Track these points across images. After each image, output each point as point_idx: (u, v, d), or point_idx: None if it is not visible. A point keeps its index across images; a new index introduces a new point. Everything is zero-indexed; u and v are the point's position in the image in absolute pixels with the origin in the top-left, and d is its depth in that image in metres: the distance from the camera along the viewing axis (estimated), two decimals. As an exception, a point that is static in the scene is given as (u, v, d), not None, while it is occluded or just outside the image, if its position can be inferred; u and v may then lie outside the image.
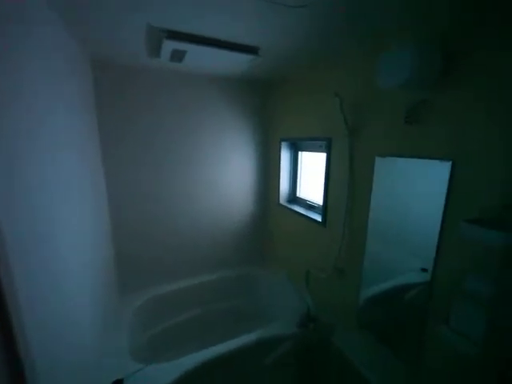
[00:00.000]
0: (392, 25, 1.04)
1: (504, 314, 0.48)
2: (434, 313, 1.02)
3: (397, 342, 1.24)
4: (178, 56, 1.40)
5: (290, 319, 1.59)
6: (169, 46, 1.24)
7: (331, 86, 1.46)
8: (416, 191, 1.08)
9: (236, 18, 1.03)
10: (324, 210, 1.62)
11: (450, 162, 0.93)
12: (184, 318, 1.99)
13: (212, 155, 2.03)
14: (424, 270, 1.07)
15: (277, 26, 1.07)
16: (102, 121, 1.64)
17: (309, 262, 1.79)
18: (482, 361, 0.55)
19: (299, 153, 2.05)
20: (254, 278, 2.25)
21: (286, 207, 2.06)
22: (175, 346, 1.82)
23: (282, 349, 1.50)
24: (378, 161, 1.22)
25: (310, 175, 1.99)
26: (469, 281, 0.83)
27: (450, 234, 0.95)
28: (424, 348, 1.08)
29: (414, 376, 1.13)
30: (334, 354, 1.50)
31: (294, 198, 2.13)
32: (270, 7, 0.92)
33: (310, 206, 1.90)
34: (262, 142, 2.20)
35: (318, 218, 1.69)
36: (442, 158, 0.96)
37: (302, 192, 2.09)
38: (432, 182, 1.00)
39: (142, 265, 1.94)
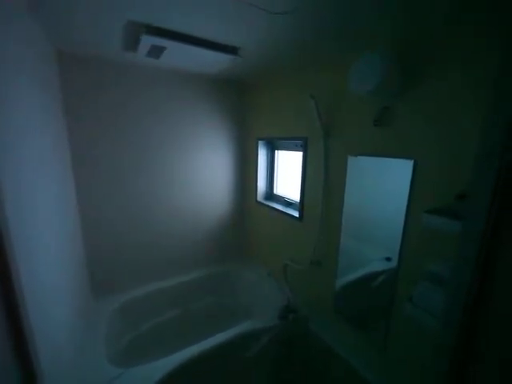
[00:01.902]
0: (365, 34, 1.14)
1: (459, 291, 0.58)
2: (400, 294, 1.16)
3: (367, 323, 1.37)
4: (155, 52, 1.37)
5: (271, 312, 1.65)
6: (147, 41, 1.21)
7: (307, 88, 1.54)
8: (384, 188, 1.20)
9: (218, 18, 1.04)
10: (301, 206, 1.71)
11: (412, 161, 1.05)
12: (164, 319, 1.96)
13: (189, 154, 2.01)
14: (388, 259, 1.21)
15: (258, 28, 1.11)
16: (70, 118, 1.54)
17: (287, 256, 1.87)
18: (440, 331, 0.65)
19: (276, 151, 2.12)
20: (234, 275, 2.28)
21: (263, 204, 2.12)
22: (156, 347, 1.78)
23: (263, 340, 1.56)
24: (351, 160, 1.32)
25: (287, 173, 2.07)
26: (429, 264, 0.96)
27: (413, 224, 1.08)
28: (390, 325, 1.22)
29: (381, 351, 1.26)
30: (312, 338, 1.60)
31: (271, 195, 2.20)
32: (252, 11, 0.96)
33: (288, 203, 1.98)
34: (238, 141, 2.23)
35: (296, 213, 1.78)
36: (405, 157, 1.08)
37: (280, 189, 2.16)
38: (397, 179, 1.12)
39: (117, 267, 1.86)
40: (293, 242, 1.84)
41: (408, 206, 1.08)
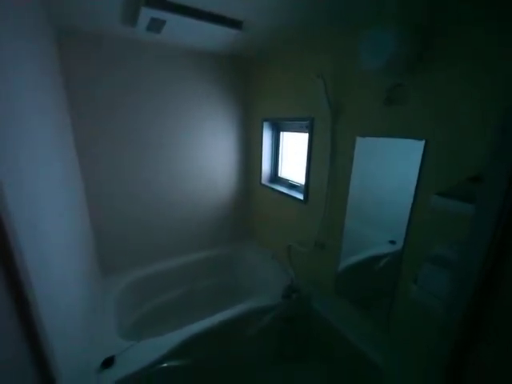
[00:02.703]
0: (377, 4, 1.06)
1: (466, 275, 0.57)
2: (404, 276, 1.16)
3: (370, 304, 1.39)
4: (156, 26, 1.31)
5: (275, 292, 1.69)
6: (147, 13, 1.15)
7: (314, 67, 1.47)
8: (392, 170, 1.17)
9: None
10: (305, 188, 1.69)
11: (423, 141, 1.01)
12: (170, 297, 2.03)
13: (193, 135, 1.98)
14: (392, 242, 1.20)
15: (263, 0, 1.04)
16: (72, 99, 1.52)
17: (291, 239, 1.89)
18: (443, 314, 0.65)
19: (281, 133, 2.07)
20: (239, 256, 2.32)
21: (268, 187, 2.10)
22: (163, 324, 1.86)
23: (267, 317, 1.61)
24: (359, 141, 1.28)
25: (292, 155, 2.03)
26: (435, 247, 0.95)
27: (421, 206, 1.05)
28: (393, 306, 1.23)
29: (384, 330, 1.29)
30: (314, 317, 1.65)
31: (276, 177, 2.18)
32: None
33: (292, 186, 1.96)
34: (243, 122, 2.18)
35: (300, 196, 1.76)
36: (416, 138, 1.04)
37: (284, 172, 2.14)
38: (407, 161, 1.09)
39: (125, 246, 1.91)
40: (297, 224, 1.84)
41: (417, 188, 1.05)
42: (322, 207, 1.53)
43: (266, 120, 2.00)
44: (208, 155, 2.09)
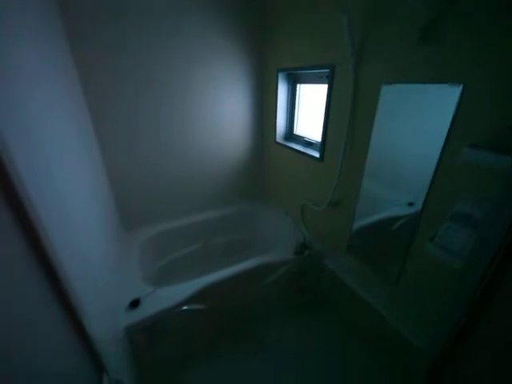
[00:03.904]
0: None
1: (490, 233, 0.53)
2: (420, 236, 1.13)
3: (380, 262, 1.40)
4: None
5: (287, 249, 1.74)
6: None
7: (337, 1, 1.27)
8: (419, 122, 1.06)
9: None
10: (322, 146, 1.61)
11: (461, 86, 0.88)
12: (188, 252, 2.15)
13: (205, 90, 1.87)
14: (411, 204, 1.15)
15: None
16: (79, 59, 1.45)
17: (305, 197, 1.87)
18: (462, 271, 0.63)
19: (297, 86, 1.91)
20: (253, 214, 2.37)
21: (283, 145, 2.03)
22: (181, 275, 2.01)
23: (279, 271, 1.69)
24: (385, 89, 1.15)
25: (309, 110, 1.90)
26: (458, 204, 0.89)
27: (449, 162, 0.97)
28: (405, 267, 1.23)
29: (393, 290, 1.32)
30: (326, 273, 1.70)
31: (291, 135, 2.08)
32: None
33: (308, 143, 1.87)
34: (257, 76, 2.02)
35: (316, 154, 1.69)
36: (452, 82, 0.91)
37: (300, 129, 2.03)
38: (438, 110, 0.97)
39: (143, 204, 1.99)
40: (312, 183, 1.80)
41: (446, 142, 0.96)
42: (338, 165, 1.46)
43: (281, 71, 1.83)
44: (221, 113, 2.00)
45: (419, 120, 1.05)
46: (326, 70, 1.46)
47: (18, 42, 0.77)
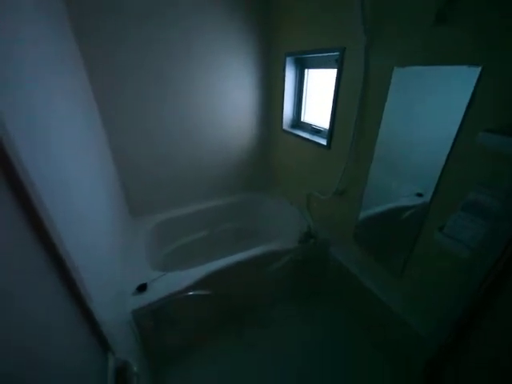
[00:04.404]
0: None
1: (503, 224, 0.50)
2: (428, 227, 1.10)
3: (386, 254, 1.39)
4: None
5: (292, 237, 1.74)
6: None
7: (351, -23, 1.20)
8: (432, 105, 1.01)
9: None
10: (330, 133, 1.56)
11: (480, 68, 0.83)
12: (193, 239, 2.18)
13: (211, 78, 1.83)
14: (419, 194, 1.11)
15: None
16: (84, 47, 1.44)
17: (311, 186, 1.84)
18: (470, 262, 0.60)
19: (306, 71, 1.85)
20: (259, 202, 2.36)
21: (290, 133, 1.98)
22: (187, 262, 2.04)
23: (283, 260, 1.69)
24: (397, 72, 1.10)
25: (316, 97, 1.84)
26: (472, 193, 0.86)
27: (462, 149, 0.93)
28: (411, 258, 1.21)
29: (398, 280, 1.31)
30: (331, 262, 1.70)
31: (298, 122, 2.04)
32: None
33: (315, 131, 1.83)
34: (264, 60, 1.96)
35: (323, 141, 1.65)
36: (470, 63, 0.85)
37: (307, 116, 1.98)
38: (453, 93, 0.92)
39: (150, 191, 2.00)
40: (318, 171, 1.77)
41: (461, 126, 0.91)
42: (345, 153, 1.43)
43: (289, 55, 1.77)
44: (227, 101, 1.96)
45: (432, 104, 1.00)
46: (336, 54, 1.40)
47: (26, 25, 0.76)
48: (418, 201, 1.12)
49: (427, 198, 1.08)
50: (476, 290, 0.59)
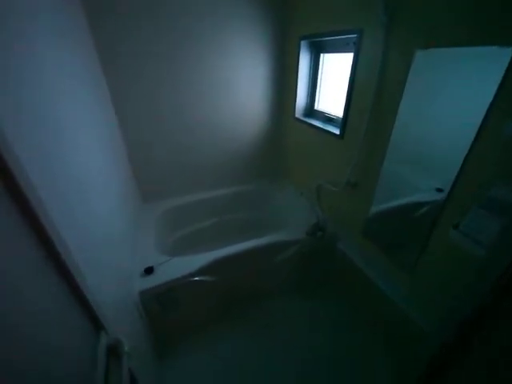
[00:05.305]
0: None
1: None
2: (443, 223, 1.03)
3: (397, 251, 1.33)
4: None
5: (300, 229, 1.71)
6: None
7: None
8: (456, 91, 0.92)
9: None
10: (343, 121, 1.49)
11: (512, 49, 0.74)
12: (202, 226, 2.20)
13: (224, 62, 1.78)
14: (439, 190, 1.04)
15: None
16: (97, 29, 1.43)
17: (322, 177, 1.79)
18: (484, 263, 0.55)
19: (321, 56, 1.75)
20: (268, 192, 2.34)
21: (302, 121, 1.92)
22: (195, 248, 2.07)
23: (290, 251, 1.68)
24: (419, 55, 1.01)
25: (331, 83, 1.76)
26: (495, 189, 0.79)
27: (487, 140, 0.85)
28: (423, 255, 1.15)
29: (407, 278, 1.25)
30: (339, 256, 1.66)
31: (311, 111, 1.96)
32: None
33: (328, 119, 1.75)
34: (279, 43, 1.88)
35: (336, 130, 1.58)
36: (501, 44, 0.76)
37: (321, 104, 1.90)
38: (480, 76, 0.84)
39: (162, 177, 2.03)
40: (330, 162, 1.71)
41: (487, 114, 0.83)
42: (358, 143, 1.36)
43: (304, 38, 1.68)
44: (239, 86, 1.91)
45: (456, 91, 0.92)
46: (353, 36, 1.31)
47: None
48: (438, 196, 1.05)
49: (447, 193, 1.00)
50: (488, 291, 0.55)
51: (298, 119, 1.96)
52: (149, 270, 1.40)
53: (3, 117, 0.47)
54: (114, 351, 0.54)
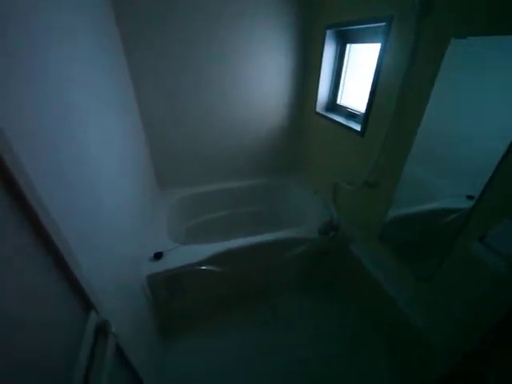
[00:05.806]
0: None
1: None
2: (468, 233, 0.94)
3: (415, 259, 1.24)
4: None
5: (313, 226, 1.66)
6: None
7: None
8: (494, 89, 0.82)
9: None
10: (365, 117, 1.40)
11: None
12: (214, 217, 2.22)
13: (246, 51, 1.75)
14: (470, 197, 0.93)
15: None
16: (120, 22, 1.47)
17: (339, 174, 1.71)
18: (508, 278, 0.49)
19: (347, 46, 1.65)
20: (283, 187, 2.30)
21: (323, 116, 1.84)
22: (206, 238, 2.10)
23: (301, 249, 1.63)
24: (454, 45, 0.90)
25: (356, 77, 1.65)
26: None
27: (525, 143, 0.74)
28: (441, 267, 1.06)
29: (423, 287, 1.16)
30: (350, 258, 1.59)
31: (333, 105, 1.87)
32: None
33: (351, 115, 1.66)
34: (302, 34, 1.80)
35: (357, 127, 1.49)
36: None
37: (344, 98, 1.80)
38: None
39: (179, 166, 2.07)
40: (348, 160, 1.63)
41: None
42: (380, 142, 1.27)
43: (329, 27, 1.59)
44: (261, 78, 1.87)
45: (494, 86, 0.81)
46: (382, 24, 1.21)
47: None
48: (467, 204, 0.94)
49: (475, 201, 0.90)
50: (508, 310, 0.48)
51: (318, 114, 1.88)
52: (158, 255, 1.44)
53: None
54: (102, 330, 0.55)
